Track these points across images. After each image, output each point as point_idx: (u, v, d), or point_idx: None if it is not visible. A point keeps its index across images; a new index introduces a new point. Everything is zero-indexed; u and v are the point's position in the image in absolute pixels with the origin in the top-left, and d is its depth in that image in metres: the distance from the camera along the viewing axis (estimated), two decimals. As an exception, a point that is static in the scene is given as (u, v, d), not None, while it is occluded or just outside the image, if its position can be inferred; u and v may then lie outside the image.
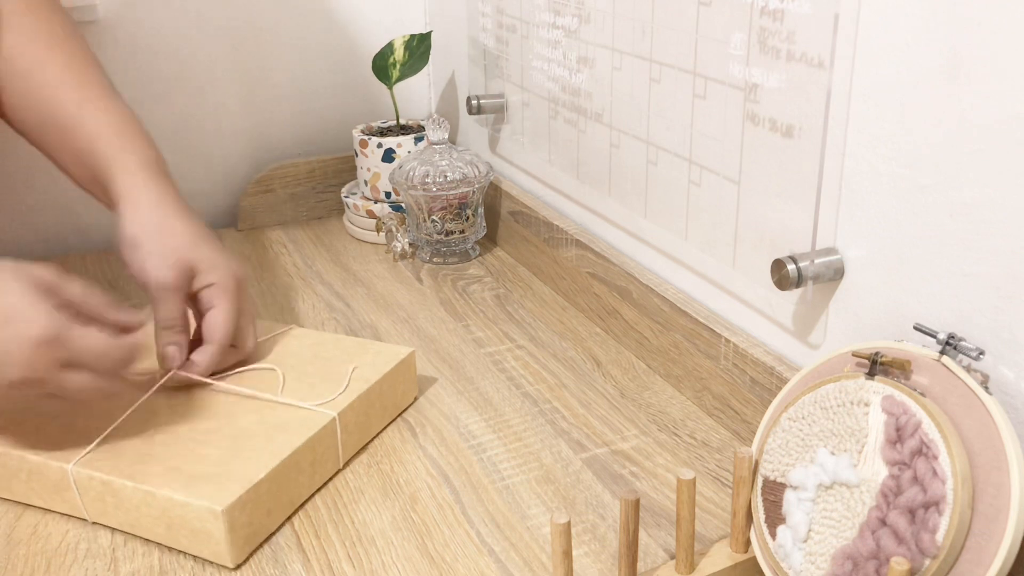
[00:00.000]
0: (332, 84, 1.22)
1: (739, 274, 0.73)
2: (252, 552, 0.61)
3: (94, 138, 0.76)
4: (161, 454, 0.63)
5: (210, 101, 1.16)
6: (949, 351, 0.52)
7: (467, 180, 1.02)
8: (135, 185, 0.74)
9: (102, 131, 0.76)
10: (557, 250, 0.96)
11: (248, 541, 0.61)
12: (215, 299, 0.72)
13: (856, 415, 0.52)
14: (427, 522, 0.64)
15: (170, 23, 1.11)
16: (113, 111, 0.78)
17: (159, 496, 0.60)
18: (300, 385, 0.71)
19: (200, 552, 0.60)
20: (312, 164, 1.19)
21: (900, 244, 0.58)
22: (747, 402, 0.71)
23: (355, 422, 0.70)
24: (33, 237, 1.12)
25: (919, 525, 0.47)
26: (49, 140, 0.78)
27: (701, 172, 0.75)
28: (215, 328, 0.71)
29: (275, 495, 0.62)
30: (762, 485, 0.56)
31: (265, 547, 0.62)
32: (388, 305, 0.96)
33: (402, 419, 0.76)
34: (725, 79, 0.70)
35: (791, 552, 0.53)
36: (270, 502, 0.62)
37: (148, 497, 0.60)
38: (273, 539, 0.63)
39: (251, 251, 1.11)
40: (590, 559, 0.60)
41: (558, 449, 0.72)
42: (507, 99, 1.07)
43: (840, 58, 0.59)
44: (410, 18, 1.23)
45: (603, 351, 0.86)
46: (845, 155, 0.61)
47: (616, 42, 0.83)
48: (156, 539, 0.62)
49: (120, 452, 0.63)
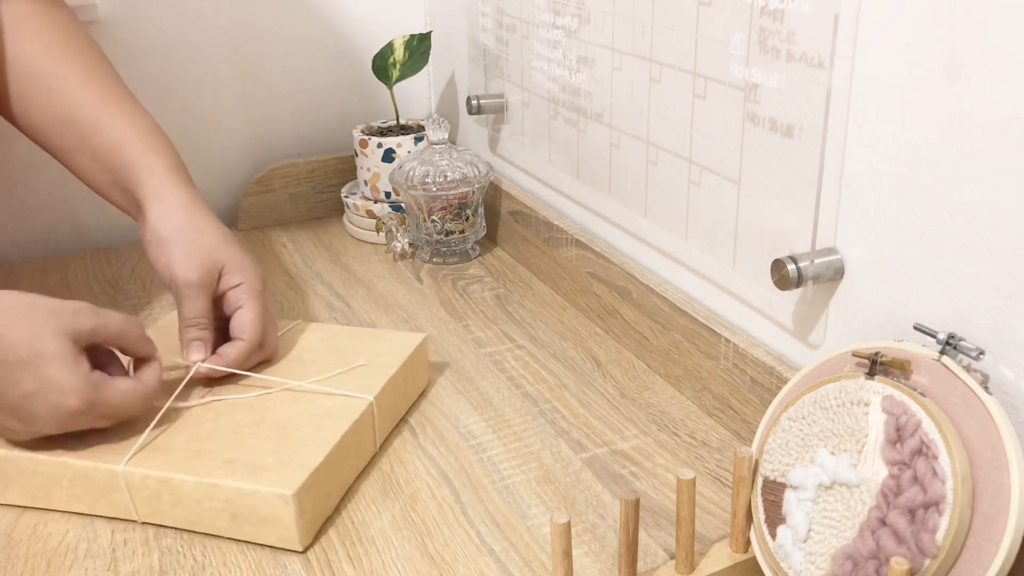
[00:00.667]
0: (332, 84, 1.22)
1: (739, 274, 0.73)
2: (316, 536, 0.62)
3: (117, 140, 0.76)
4: (212, 448, 0.64)
5: (210, 101, 1.16)
6: (949, 351, 0.52)
7: (467, 180, 1.02)
8: (163, 186, 0.74)
9: (126, 134, 0.77)
10: (557, 250, 0.96)
11: (312, 525, 0.62)
12: (243, 299, 0.73)
13: (856, 415, 0.52)
14: (427, 522, 0.64)
15: (170, 23, 1.11)
16: (135, 115, 0.78)
17: (224, 487, 0.60)
18: (328, 374, 0.72)
19: (267, 539, 0.61)
20: (312, 164, 1.19)
21: (900, 244, 0.58)
22: (747, 402, 0.71)
23: (386, 405, 0.72)
24: (33, 237, 1.12)
25: (919, 525, 0.47)
26: (65, 142, 0.78)
27: (701, 172, 0.75)
28: (246, 326, 0.72)
29: (332, 478, 0.64)
30: (762, 485, 0.56)
31: (265, 547, 0.62)
32: (388, 305, 0.96)
33: (402, 419, 0.76)
34: (725, 79, 0.70)
35: (791, 552, 0.53)
36: (328, 485, 0.63)
37: (212, 490, 0.60)
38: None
39: (251, 251, 1.11)
40: (590, 559, 0.60)
41: (558, 449, 0.72)
42: (507, 99, 1.07)
43: (840, 58, 0.59)
44: (410, 18, 1.23)
45: (603, 351, 0.86)
46: (845, 155, 0.61)
47: (616, 42, 0.83)
48: (217, 532, 0.62)
49: (168, 450, 0.64)
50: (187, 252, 0.72)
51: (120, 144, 0.76)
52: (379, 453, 0.71)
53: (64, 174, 1.10)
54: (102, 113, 0.77)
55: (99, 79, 0.79)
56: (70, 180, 1.10)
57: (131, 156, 0.76)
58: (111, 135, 0.76)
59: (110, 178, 0.77)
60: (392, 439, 0.73)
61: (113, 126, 0.77)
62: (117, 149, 0.76)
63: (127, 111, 0.78)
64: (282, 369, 0.74)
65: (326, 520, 0.64)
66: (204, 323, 0.72)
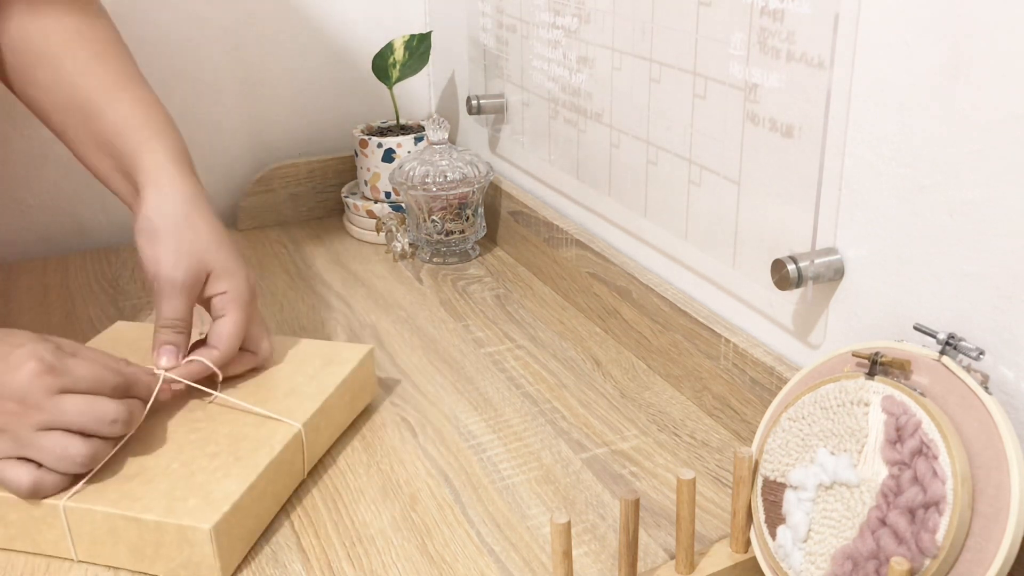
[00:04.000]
0: (332, 84, 1.22)
1: (739, 274, 0.73)
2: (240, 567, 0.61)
3: (122, 124, 0.74)
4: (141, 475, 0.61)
5: (210, 101, 1.16)
6: (949, 351, 0.52)
7: (467, 180, 1.02)
8: (163, 175, 0.72)
9: (131, 118, 0.74)
10: (557, 250, 0.96)
11: (235, 557, 0.60)
12: (226, 308, 0.70)
13: (856, 415, 0.52)
14: (427, 522, 0.64)
15: (170, 23, 1.11)
16: (142, 100, 0.76)
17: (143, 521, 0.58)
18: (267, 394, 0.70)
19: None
20: (312, 164, 1.19)
21: (900, 244, 0.58)
22: (747, 402, 0.71)
23: (321, 426, 0.69)
24: (33, 237, 1.12)
25: (919, 525, 0.47)
26: (71, 125, 0.76)
27: (701, 172, 0.75)
28: (222, 337, 0.69)
29: (253, 511, 0.62)
30: (762, 485, 0.56)
31: (265, 547, 0.62)
32: (388, 305, 0.96)
33: (402, 419, 0.76)
34: (725, 79, 0.70)
35: (791, 552, 0.53)
36: (249, 519, 0.61)
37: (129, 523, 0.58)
38: (273, 539, 0.63)
39: (251, 251, 1.11)
40: (590, 559, 0.60)
41: (558, 449, 0.72)
42: (507, 99, 1.07)
43: (840, 58, 0.59)
44: (410, 18, 1.23)
45: (603, 351, 0.86)
46: (845, 155, 0.61)
47: (616, 42, 0.83)
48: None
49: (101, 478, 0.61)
50: (176, 249, 0.69)
51: (125, 128, 0.74)
52: (379, 453, 0.71)
53: (64, 174, 1.11)
54: (110, 97, 0.75)
55: (109, 62, 0.77)
56: (70, 180, 1.11)
57: (134, 141, 0.73)
58: (116, 118, 0.74)
59: (113, 163, 0.75)
60: (392, 439, 0.73)
61: (119, 110, 0.74)
62: (121, 133, 0.74)
63: (135, 96, 0.76)
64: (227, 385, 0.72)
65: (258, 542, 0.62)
66: (180, 326, 0.69)
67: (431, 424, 0.75)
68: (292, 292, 0.99)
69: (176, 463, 0.62)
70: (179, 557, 0.58)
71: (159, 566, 0.59)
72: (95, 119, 0.75)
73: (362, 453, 0.72)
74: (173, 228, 0.70)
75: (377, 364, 0.84)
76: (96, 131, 0.75)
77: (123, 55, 0.80)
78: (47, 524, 0.60)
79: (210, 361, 0.68)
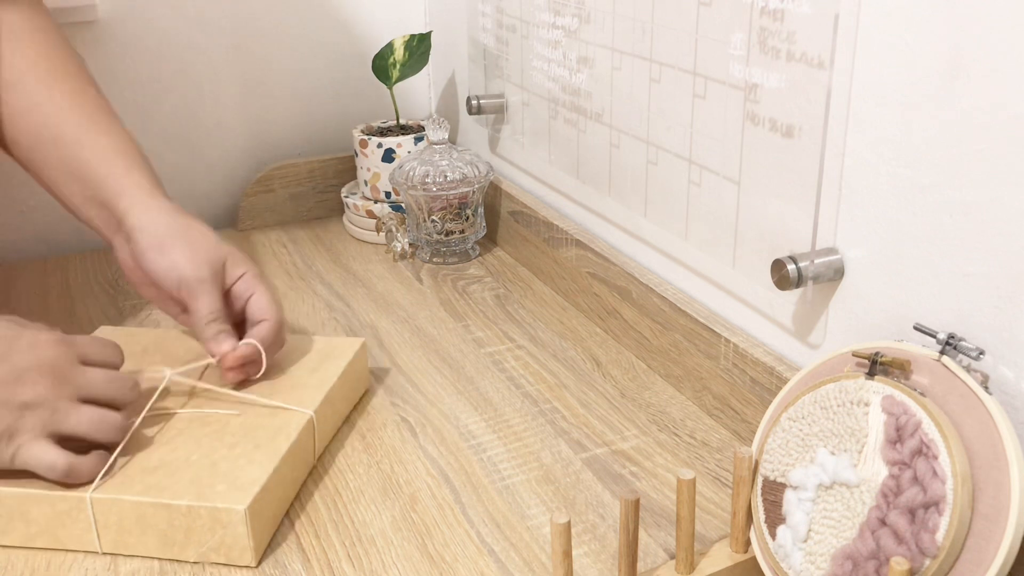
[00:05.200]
0: (332, 84, 1.22)
1: (739, 274, 0.73)
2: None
3: (100, 157, 0.76)
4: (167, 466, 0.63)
5: (210, 101, 1.16)
6: (949, 351, 0.52)
7: (467, 180, 1.02)
8: (147, 197, 0.75)
9: (108, 151, 0.77)
10: (557, 250, 0.96)
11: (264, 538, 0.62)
12: (252, 286, 0.74)
13: (856, 415, 0.52)
14: (427, 522, 0.64)
15: (170, 23, 1.11)
16: (119, 134, 0.79)
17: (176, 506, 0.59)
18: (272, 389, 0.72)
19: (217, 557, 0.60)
20: (312, 164, 1.19)
21: (900, 244, 0.59)
22: (747, 402, 0.71)
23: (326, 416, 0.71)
24: (33, 237, 1.12)
25: (919, 525, 0.47)
26: (43, 159, 0.78)
27: (701, 172, 0.75)
28: (265, 308, 0.73)
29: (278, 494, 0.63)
30: (762, 485, 0.56)
31: (265, 547, 0.62)
32: (388, 305, 0.96)
33: (402, 419, 0.76)
34: (725, 79, 0.70)
35: (791, 552, 0.53)
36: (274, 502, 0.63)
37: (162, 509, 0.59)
38: (273, 539, 0.63)
39: (251, 251, 1.11)
40: (590, 559, 0.60)
41: (558, 449, 0.72)
42: (507, 99, 1.07)
43: (840, 58, 0.59)
44: (410, 18, 1.23)
45: (603, 351, 0.86)
46: (845, 155, 0.61)
47: (616, 42, 0.83)
48: None
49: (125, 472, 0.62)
50: (191, 251, 0.72)
51: (102, 160, 0.76)
52: (379, 453, 0.72)
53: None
54: (86, 131, 0.77)
55: (84, 98, 0.79)
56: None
57: (113, 171, 0.76)
58: (93, 151, 0.77)
59: (89, 194, 0.77)
60: (392, 439, 0.73)
61: (96, 143, 0.77)
62: (98, 164, 0.76)
63: (110, 130, 0.78)
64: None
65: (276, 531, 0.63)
66: (222, 316, 0.72)
67: (431, 424, 0.75)
68: (292, 292, 0.99)
69: (196, 455, 0.64)
70: (211, 541, 0.59)
71: (189, 551, 0.60)
72: (72, 153, 0.77)
73: (362, 453, 0.72)
74: (178, 234, 0.73)
75: (377, 364, 0.84)
76: (72, 164, 0.77)
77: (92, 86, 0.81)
78: (71, 518, 0.60)
79: (266, 331, 0.72)
